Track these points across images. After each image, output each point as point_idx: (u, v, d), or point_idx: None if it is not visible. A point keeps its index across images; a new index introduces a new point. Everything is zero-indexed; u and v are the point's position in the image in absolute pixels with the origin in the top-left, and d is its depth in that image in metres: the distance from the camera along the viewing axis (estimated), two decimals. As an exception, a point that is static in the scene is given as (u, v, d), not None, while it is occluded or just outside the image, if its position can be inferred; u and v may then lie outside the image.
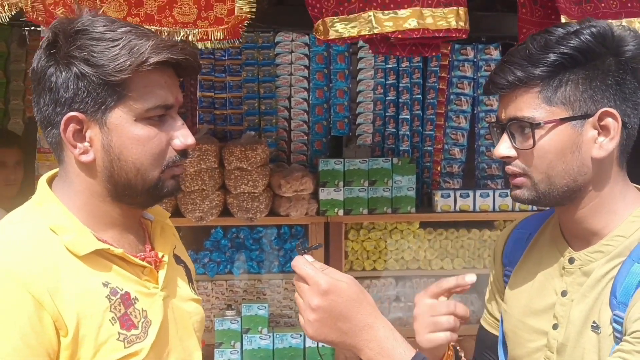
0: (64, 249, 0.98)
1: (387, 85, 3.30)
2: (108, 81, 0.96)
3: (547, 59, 1.03)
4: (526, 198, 1.09)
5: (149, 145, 1.00)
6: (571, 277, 1.10)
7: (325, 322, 0.95)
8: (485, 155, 3.35)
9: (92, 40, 0.97)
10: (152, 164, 1.01)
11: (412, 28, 1.90)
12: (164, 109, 1.01)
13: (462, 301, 3.44)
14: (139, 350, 0.99)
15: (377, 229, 3.19)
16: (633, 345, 0.95)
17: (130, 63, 0.96)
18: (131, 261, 1.03)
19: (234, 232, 3.17)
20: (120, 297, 1.00)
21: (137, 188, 1.02)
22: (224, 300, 3.14)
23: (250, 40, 3.21)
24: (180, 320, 1.10)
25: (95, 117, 0.98)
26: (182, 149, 1.03)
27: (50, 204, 1.02)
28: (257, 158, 2.91)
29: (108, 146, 1.00)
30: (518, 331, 1.18)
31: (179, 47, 1.00)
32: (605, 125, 1.04)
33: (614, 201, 1.08)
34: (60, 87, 0.98)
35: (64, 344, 0.93)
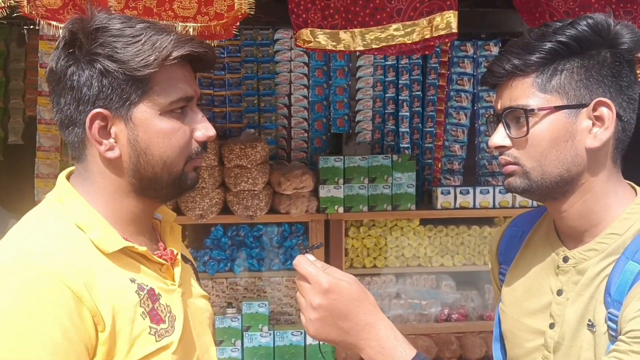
0: (92, 245, 0.99)
1: (387, 82, 3.30)
2: (133, 76, 0.97)
3: (543, 46, 1.03)
4: (518, 186, 1.09)
5: (174, 137, 1.02)
6: (566, 275, 1.10)
7: (327, 321, 0.96)
8: (486, 152, 3.34)
9: (113, 37, 0.98)
10: (178, 157, 1.03)
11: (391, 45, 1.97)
12: (186, 101, 1.03)
13: (462, 297, 3.43)
14: (169, 343, 1.01)
15: (377, 226, 3.19)
16: (629, 345, 0.94)
17: (155, 57, 0.97)
18: (152, 259, 1.05)
19: (234, 230, 3.17)
20: (147, 292, 1.01)
21: (162, 181, 1.03)
22: (225, 298, 3.14)
23: (249, 38, 3.21)
24: (195, 316, 1.12)
25: (120, 112, 0.99)
26: (204, 140, 1.05)
27: (74, 200, 1.03)
28: (257, 156, 2.91)
29: (134, 141, 1.01)
30: (516, 331, 1.18)
31: (198, 42, 1.03)
32: (600, 116, 1.04)
33: (607, 197, 1.08)
34: (83, 86, 0.98)
35: (101, 339, 0.94)
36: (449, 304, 3.24)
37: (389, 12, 1.97)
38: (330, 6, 2.01)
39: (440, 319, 3.22)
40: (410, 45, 1.98)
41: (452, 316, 3.23)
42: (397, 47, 1.99)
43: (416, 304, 3.22)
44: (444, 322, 3.22)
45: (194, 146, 1.05)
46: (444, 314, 3.22)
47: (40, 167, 2.91)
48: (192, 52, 1.01)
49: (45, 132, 2.92)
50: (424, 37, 1.94)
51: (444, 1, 1.94)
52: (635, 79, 1.07)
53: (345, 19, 1.99)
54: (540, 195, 1.10)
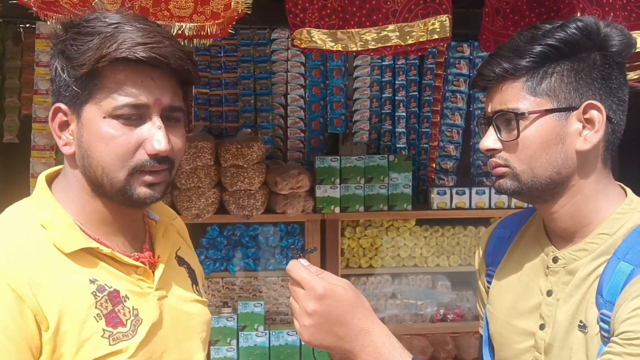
0: (51, 244, 0.98)
1: (384, 82, 3.30)
2: (76, 75, 0.97)
3: (533, 50, 1.04)
4: (508, 188, 1.09)
5: (112, 144, 0.97)
6: (556, 276, 1.10)
7: (321, 327, 0.95)
8: (480, 153, 3.34)
9: (78, 34, 0.97)
10: (115, 165, 0.97)
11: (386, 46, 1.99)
12: (135, 109, 0.97)
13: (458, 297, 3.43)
14: (124, 348, 0.98)
15: (373, 226, 3.19)
16: (622, 347, 0.94)
17: (90, 58, 0.94)
18: (121, 260, 1.02)
19: (230, 229, 3.17)
20: (107, 294, 0.99)
21: (105, 188, 1.00)
22: (220, 297, 3.14)
23: (246, 37, 3.21)
24: (180, 321, 1.09)
25: (73, 110, 1.00)
26: (153, 153, 0.98)
27: (44, 199, 1.03)
28: (253, 155, 2.91)
29: (80, 141, 1.00)
30: (505, 332, 1.17)
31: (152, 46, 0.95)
32: (590, 119, 1.04)
33: (597, 198, 1.08)
34: (54, 79, 1.02)
35: (45, 338, 0.93)
36: (444, 304, 3.25)
37: (384, 13, 1.99)
38: (327, 6, 2.02)
39: (436, 319, 3.23)
40: (405, 47, 1.99)
41: (447, 316, 3.23)
42: (392, 48, 2.00)
43: (412, 304, 3.22)
44: (440, 322, 3.22)
45: (140, 157, 0.98)
46: (440, 314, 3.23)
47: (35, 166, 2.89)
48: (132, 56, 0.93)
49: (40, 131, 2.91)
50: (418, 40, 1.96)
51: (440, 5, 1.95)
52: (625, 81, 1.08)
53: (343, 19, 1.99)
54: (531, 197, 1.10)
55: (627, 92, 1.08)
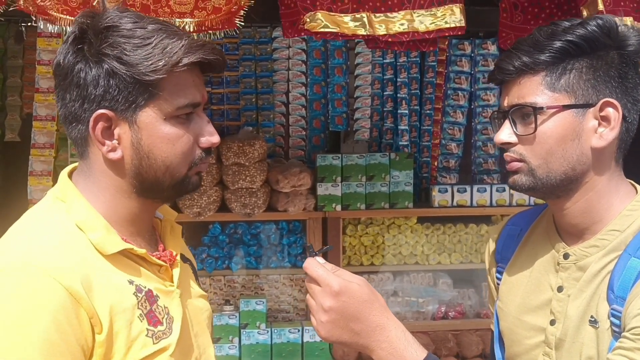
0: (91, 246, 0.98)
1: (385, 80, 3.30)
2: (141, 80, 0.96)
3: (553, 45, 1.04)
4: (524, 184, 1.10)
5: (178, 144, 1.00)
6: (566, 272, 1.11)
7: (338, 323, 0.96)
8: (482, 150, 3.35)
9: (123, 37, 0.96)
10: (180, 163, 1.02)
11: (402, 31, 1.94)
12: (192, 107, 1.01)
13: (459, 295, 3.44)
14: (167, 345, 1.00)
15: (374, 224, 3.20)
16: (634, 342, 0.95)
17: (165, 63, 0.95)
18: (151, 260, 1.04)
19: (232, 227, 3.17)
20: (145, 294, 1.00)
21: (164, 184, 1.02)
22: (222, 295, 3.15)
23: (247, 36, 3.21)
24: (194, 316, 1.12)
25: (125, 115, 0.98)
26: (208, 147, 1.04)
27: (75, 199, 1.02)
28: (255, 154, 2.91)
29: (138, 144, 0.99)
30: (515, 328, 1.18)
31: (210, 47, 1.01)
32: (606, 116, 1.05)
33: (609, 195, 1.09)
34: (89, 84, 0.97)
35: (98, 340, 0.93)
36: (446, 302, 3.26)
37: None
38: None
39: (437, 316, 3.23)
40: (423, 35, 1.94)
41: (449, 314, 3.24)
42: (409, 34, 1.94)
43: (413, 301, 3.23)
44: (441, 319, 3.23)
45: (197, 152, 1.03)
46: (441, 312, 3.24)
47: (34, 165, 2.88)
48: (202, 59, 0.98)
49: (41, 129, 2.91)
50: (435, 28, 1.93)
51: None
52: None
53: (356, 2, 1.95)
54: (545, 193, 1.11)
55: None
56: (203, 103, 1.04)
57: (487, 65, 3.28)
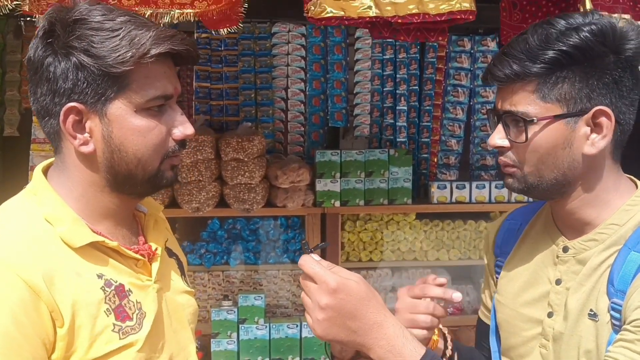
0: (59, 239, 0.97)
1: (385, 76, 3.30)
2: (108, 72, 0.95)
3: (545, 55, 1.02)
4: (516, 187, 1.11)
5: (149, 136, 1.00)
6: (565, 265, 1.11)
7: (335, 321, 0.95)
8: (480, 147, 3.35)
9: (91, 30, 0.96)
10: (152, 155, 1.01)
11: (412, 13, 1.88)
12: (164, 100, 1.01)
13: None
14: (134, 341, 0.99)
15: (373, 220, 3.20)
16: (635, 335, 0.95)
17: (132, 55, 0.95)
18: (125, 254, 1.03)
19: (231, 223, 3.17)
20: (114, 288, 0.99)
21: (137, 178, 1.02)
22: (221, 290, 3.15)
23: (246, 31, 3.20)
24: (174, 312, 1.10)
25: (95, 108, 0.98)
26: (182, 139, 1.04)
27: (46, 193, 1.02)
28: (254, 149, 2.91)
29: (108, 137, 0.99)
30: (512, 320, 1.19)
31: (179, 38, 1.00)
32: (599, 123, 1.04)
33: (607, 192, 1.09)
34: (59, 78, 0.97)
35: (59, 334, 0.93)
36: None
37: None
38: None
39: (436, 312, 3.23)
40: (434, 17, 1.87)
41: (447, 310, 3.24)
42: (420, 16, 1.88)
43: (412, 297, 3.22)
44: (439, 315, 3.23)
45: (170, 144, 1.03)
46: (439, 308, 3.23)
47: (34, 159, 2.89)
48: (171, 49, 0.98)
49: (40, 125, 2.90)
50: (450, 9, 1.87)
51: None
52: (638, 82, 1.06)
53: None
54: (538, 196, 1.12)
55: (638, 92, 1.07)
56: (176, 95, 1.04)
57: (487, 62, 3.28)
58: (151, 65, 0.97)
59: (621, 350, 0.96)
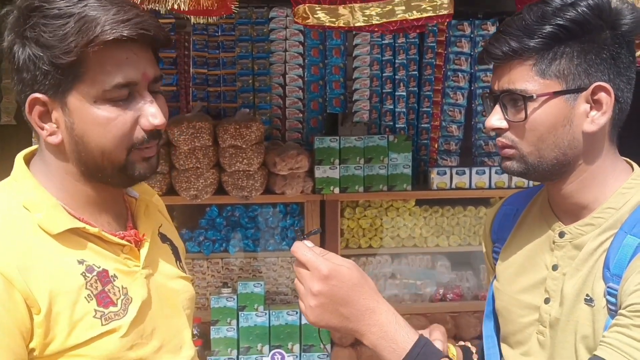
0: (36, 226, 0.96)
1: (384, 61, 3.27)
2: (58, 64, 0.91)
3: (543, 30, 1.01)
4: (515, 169, 1.09)
5: (109, 127, 0.95)
6: (562, 251, 1.10)
7: (327, 308, 0.95)
8: (482, 132, 3.33)
9: (44, 18, 0.92)
10: (116, 147, 0.97)
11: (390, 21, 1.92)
12: (125, 87, 0.95)
13: (457, 277, 3.43)
14: (117, 327, 0.98)
15: (373, 207, 3.18)
16: (630, 319, 0.94)
17: (76, 44, 0.90)
18: (108, 239, 1.02)
19: (229, 210, 3.16)
20: (97, 274, 0.98)
21: (106, 170, 0.99)
22: (220, 278, 3.14)
23: (244, 16, 3.17)
24: (166, 298, 1.09)
25: (55, 98, 0.95)
26: (150, 129, 0.98)
27: (25, 180, 1.00)
28: (252, 136, 2.89)
29: (71, 128, 0.96)
30: (510, 307, 1.18)
31: (137, 21, 0.93)
32: (598, 100, 1.03)
33: (604, 175, 1.07)
34: (22, 68, 0.94)
35: (36, 321, 0.92)
36: (444, 284, 3.26)
37: None
38: None
39: (435, 298, 3.24)
40: (412, 22, 1.93)
41: (447, 296, 3.24)
42: (397, 23, 1.94)
43: (411, 284, 3.22)
44: (439, 302, 3.23)
45: (138, 135, 0.98)
46: (439, 294, 3.24)
47: (34, 147, 2.88)
48: (120, 36, 0.90)
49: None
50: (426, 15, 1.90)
51: None
52: (634, 59, 1.06)
53: None
54: (537, 177, 1.10)
55: (634, 70, 1.06)
56: (145, 81, 0.97)
57: (487, 46, 3.24)
58: (106, 51, 0.92)
59: (616, 336, 0.95)
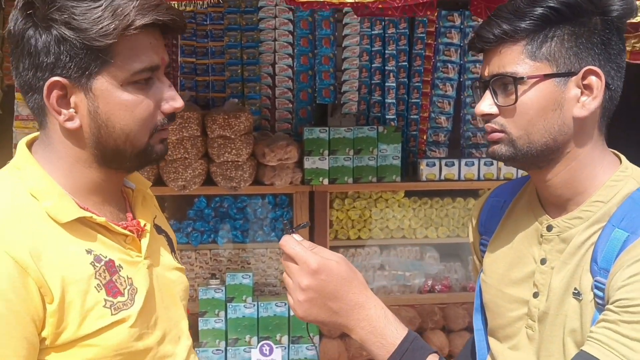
0: (45, 215, 0.95)
1: (373, 52, 3.25)
2: (91, 46, 0.92)
3: (534, 12, 1.01)
4: (504, 154, 1.08)
5: (137, 110, 0.97)
6: (550, 244, 1.09)
7: (316, 302, 0.94)
8: (471, 124, 3.33)
9: (71, 0, 0.92)
10: (140, 130, 0.98)
11: None
12: (151, 72, 0.98)
13: (445, 269, 3.45)
14: (126, 317, 0.98)
15: (362, 198, 3.18)
16: (618, 315, 0.94)
17: (115, 27, 0.91)
18: (113, 230, 1.01)
19: (218, 201, 3.14)
20: (104, 264, 0.98)
21: (126, 154, 1.00)
22: (208, 269, 3.13)
23: (232, 5, 3.13)
24: (165, 289, 1.10)
25: (79, 82, 0.94)
26: (171, 112, 1.01)
27: (30, 168, 0.99)
28: (241, 126, 2.87)
29: (95, 113, 0.96)
30: (498, 301, 1.18)
31: (165, 7, 0.96)
32: (589, 84, 1.02)
33: (592, 165, 1.07)
34: (40, 51, 0.93)
35: (49, 310, 0.91)
36: (432, 276, 3.27)
37: None
38: None
39: (424, 290, 3.25)
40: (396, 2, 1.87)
41: (435, 287, 3.25)
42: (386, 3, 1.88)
43: (400, 275, 3.23)
44: (428, 293, 3.24)
45: (159, 118, 1.00)
46: (428, 285, 3.25)
47: (17, 137, 2.84)
48: (156, 20, 0.94)
49: (24, 101, 2.84)
50: None
51: None
52: (624, 47, 1.06)
53: None
54: (525, 163, 1.09)
55: (624, 58, 1.06)
56: (163, 66, 1.01)
57: (477, 38, 3.24)
58: (136, 36, 0.94)
59: (604, 331, 0.94)
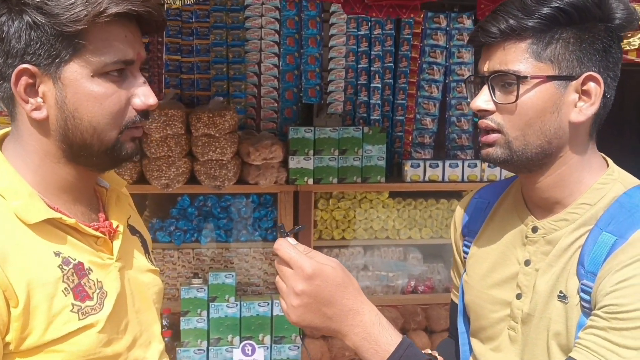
0: (12, 215, 0.92)
1: (359, 52, 3.25)
2: (63, 32, 0.90)
3: (542, 11, 1.00)
4: (499, 156, 1.07)
5: (106, 103, 0.94)
6: (534, 246, 1.09)
7: (310, 308, 0.93)
8: (456, 126, 3.34)
9: None
10: (109, 124, 0.95)
11: None
12: (124, 64, 0.95)
13: (429, 269, 3.45)
14: (94, 322, 0.95)
15: (346, 199, 3.18)
16: (607, 322, 0.93)
17: (87, 13, 0.89)
18: (84, 231, 0.99)
19: (201, 200, 3.12)
20: (73, 267, 0.95)
21: (93, 149, 0.96)
22: (191, 268, 3.10)
23: (219, 3, 3.11)
24: (138, 292, 1.07)
25: (48, 70, 0.92)
26: (143, 109, 0.98)
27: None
28: (225, 125, 2.85)
29: (62, 103, 0.93)
30: (480, 302, 1.17)
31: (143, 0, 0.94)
32: (587, 90, 1.03)
33: (581, 170, 1.07)
34: (12, 37, 0.91)
35: (14, 314, 0.88)
36: (415, 276, 3.28)
37: None
38: None
39: (407, 290, 3.26)
40: None
41: (418, 288, 3.26)
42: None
43: (383, 275, 3.23)
44: (411, 293, 3.25)
45: (130, 114, 0.97)
46: (411, 286, 3.26)
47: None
48: (130, 10, 0.92)
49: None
50: None
51: None
52: (621, 57, 1.06)
53: None
54: (518, 166, 1.08)
55: (619, 68, 1.07)
56: (139, 62, 0.98)
57: (463, 40, 3.25)
58: (109, 26, 0.92)
59: (592, 338, 0.94)
